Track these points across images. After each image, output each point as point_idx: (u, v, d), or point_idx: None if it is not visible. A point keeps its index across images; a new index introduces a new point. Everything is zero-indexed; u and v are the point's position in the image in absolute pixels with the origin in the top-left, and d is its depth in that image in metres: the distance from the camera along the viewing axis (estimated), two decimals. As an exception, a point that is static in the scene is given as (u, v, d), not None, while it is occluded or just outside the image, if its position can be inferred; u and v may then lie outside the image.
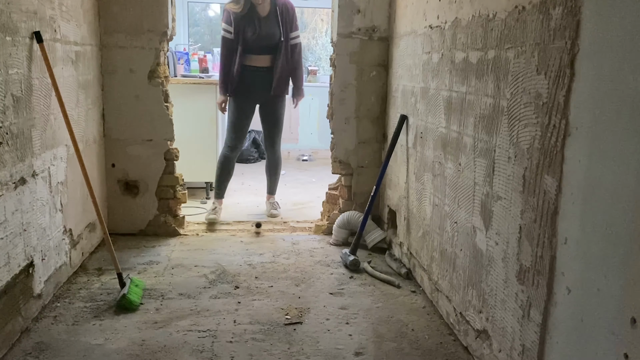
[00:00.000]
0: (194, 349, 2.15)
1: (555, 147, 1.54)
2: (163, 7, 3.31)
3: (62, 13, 2.64)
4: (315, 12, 8.03)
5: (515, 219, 1.78)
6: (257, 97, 3.95)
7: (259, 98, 3.96)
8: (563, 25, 1.50)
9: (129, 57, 3.32)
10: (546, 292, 1.59)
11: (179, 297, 2.62)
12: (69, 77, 2.74)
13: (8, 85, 2.06)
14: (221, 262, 3.10)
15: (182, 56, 5.04)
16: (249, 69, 3.87)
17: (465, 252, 2.20)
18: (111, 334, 2.25)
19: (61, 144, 2.62)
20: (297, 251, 3.34)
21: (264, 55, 3.87)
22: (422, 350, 2.21)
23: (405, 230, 3.07)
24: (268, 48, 3.87)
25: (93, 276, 2.82)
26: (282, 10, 3.86)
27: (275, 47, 3.87)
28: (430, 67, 2.65)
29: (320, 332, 2.33)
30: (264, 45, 3.85)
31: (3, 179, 2.02)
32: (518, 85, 1.76)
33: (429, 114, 2.66)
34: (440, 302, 2.50)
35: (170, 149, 3.47)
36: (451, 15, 2.36)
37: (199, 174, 4.48)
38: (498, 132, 1.91)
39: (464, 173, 2.22)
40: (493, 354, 1.94)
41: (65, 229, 2.69)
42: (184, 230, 3.62)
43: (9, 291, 2.08)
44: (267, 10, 3.84)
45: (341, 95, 3.55)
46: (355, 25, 3.47)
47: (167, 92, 3.44)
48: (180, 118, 3.89)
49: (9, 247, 2.06)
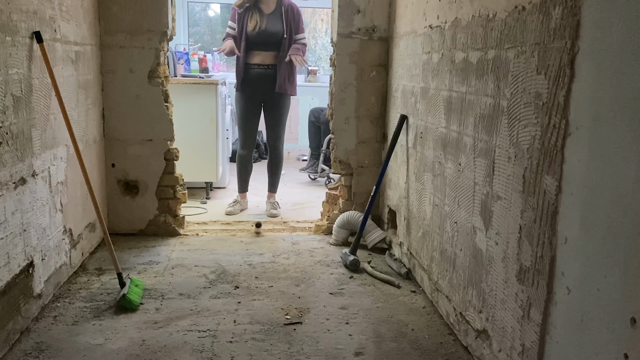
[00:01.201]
0: (194, 349, 2.15)
1: (555, 147, 1.54)
2: (163, 7, 3.31)
3: (62, 13, 2.64)
4: (315, 12, 8.03)
5: (515, 219, 1.78)
6: (262, 94, 4.02)
7: (264, 95, 4.03)
8: (563, 25, 1.50)
9: (129, 57, 3.32)
10: (546, 292, 1.59)
11: (179, 297, 2.62)
12: (69, 77, 2.74)
13: (8, 85, 2.06)
14: (221, 262, 3.10)
15: (182, 56, 5.03)
16: (253, 67, 3.97)
17: (465, 252, 2.20)
18: (111, 334, 2.24)
19: (61, 144, 2.62)
20: (297, 251, 3.34)
21: (268, 52, 3.95)
22: (422, 350, 2.21)
23: (405, 230, 3.07)
24: (271, 45, 3.93)
25: (93, 276, 2.82)
26: (287, 10, 3.95)
27: (279, 45, 3.93)
28: (430, 67, 2.65)
29: (320, 332, 2.33)
30: (267, 42, 3.92)
31: (3, 179, 2.02)
32: (518, 85, 1.76)
33: (429, 114, 2.66)
34: (440, 302, 2.50)
35: (170, 149, 3.47)
36: (451, 15, 2.36)
37: (199, 174, 4.47)
38: (498, 132, 1.91)
39: (464, 173, 2.22)
40: (493, 354, 1.94)
41: (65, 229, 2.69)
42: (184, 230, 3.62)
43: (9, 291, 2.08)
44: (272, 8, 3.94)
45: (341, 95, 3.55)
46: (355, 25, 3.47)
47: (167, 92, 3.44)
48: (180, 118, 3.89)
49: (9, 247, 2.06)
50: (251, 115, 4.08)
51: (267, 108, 4.09)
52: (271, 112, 4.09)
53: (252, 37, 3.91)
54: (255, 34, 3.90)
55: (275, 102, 4.05)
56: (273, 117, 4.10)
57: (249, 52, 3.96)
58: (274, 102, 4.05)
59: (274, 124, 4.13)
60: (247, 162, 4.19)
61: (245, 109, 4.06)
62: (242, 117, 4.09)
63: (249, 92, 4.01)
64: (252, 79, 3.99)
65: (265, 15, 3.93)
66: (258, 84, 3.99)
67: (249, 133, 4.12)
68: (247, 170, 4.23)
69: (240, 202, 4.22)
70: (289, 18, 3.94)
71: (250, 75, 3.98)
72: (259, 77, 3.98)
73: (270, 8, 3.94)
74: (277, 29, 3.92)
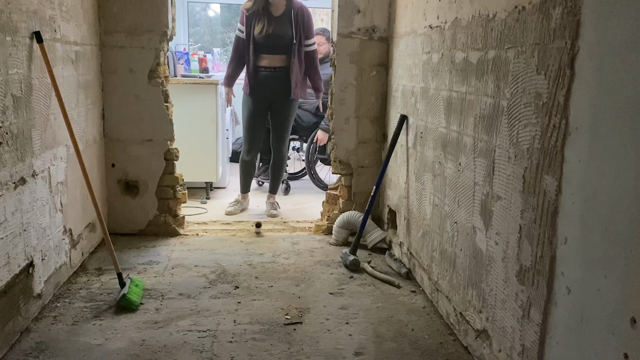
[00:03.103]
0: (194, 349, 2.15)
1: (555, 147, 1.54)
2: (163, 7, 3.31)
3: (62, 13, 2.64)
4: (315, 12, 8.04)
5: (515, 219, 1.78)
6: (269, 97, 4.00)
7: (271, 98, 4.00)
8: (563, 25, 1.50)
9: (129, 57, 3.32)
10: (546, 292, 1.59)
11: (179, 297, 2.62)
12: (69, 77, 2.74)
13: (8, 85, 2.06)
14: (221, 262, 3.10)
15: (182, 56, 5.04)
16: (262, 70, 3.94)
17: (465, 252, 2.20)
18: (111, 334, 2.24)
19: (61, 144, 2.62)
20: (297, 251, 3.34)
21: (277, 55, 3.91)
22: (422, 350, 2.21)
23: (405, 230, 3.07)
24: (280, 48, 3.89)
25: (93, 276, 2.82)
26: (297, 13, 3.89)
27: (289, 48, 3.89)
28: (430, 67, 2.65)
29: (320, 332, 2.33)
30: (276, 45, 3.88)
31: (3, 179, 2.02)
32: (518, 85, 1.76)
33: (429, 114, 2.66)
34: (440, 302, 2.50)
35: (170, 149, 3.47)
36: (451, 15, 2.36)
37: (199, 174, 4.47)
38: (498, 132, 1.91)
39: (464, 173, 2.22)
40: (493, 354, 1.94)
41: (65, 229, 2.69)
42: (184, 230, 3.62)
43: (9, 291, 2.08)
44: (281, 11, 3.88)
45: (341, 95, 3.55)
46: (355, 25, 3.47)
47: (167, 92, 3.44)
48: (180, 118, 3.88)
49: (9, 247, 2.06)
50: (259, 118, 4.05)
51: (274, 111, 4.07)
52: (278, 116, 4.07)
53: (260, 40, 3.87)
54: (263, 37, 3.86)
55: (283, 106, 4.03)
56: (279, 120, 4.09)
57: (257, 55, 3.93)
58: (281, 106, 4.03)
59: (279, 127, 4.11)
60: (251, 167, 4.21)
61: (253, 112, 4.03)
62: (250, 121, 4.06)
63: (258, 95, 3.98)
64: (261, 82, 3.96)
65: (274, 18, 3.87)
66: (266, 86, 3.96)
67: (255, 138, 4.10)
68: (250, 174, 4.24)
69: (241, 202, 4.21)
70: (298, 21, 3.88)
71: (259, 78, 3.95)
72: (267, 80, 3.95)
73: (279, 11, 3.88)
74: (284, 32, 3.87)
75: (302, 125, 4.99)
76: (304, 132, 5.08)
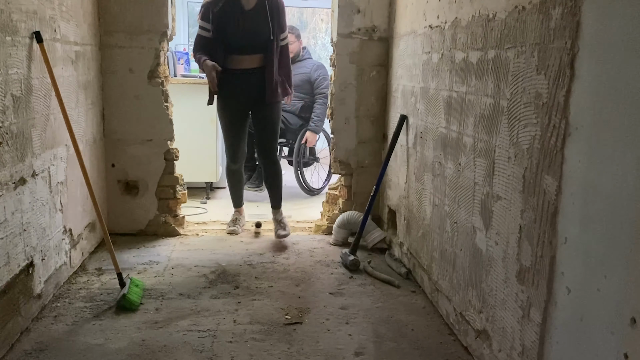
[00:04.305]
0: (194, 349, 2.15)
1: (555, 147, 1.54)
2: (163, 7, 3.31)
3: (62, 13, 2.64)
4: (315, 12, 8.03)
5: (515, 219, 1.78)
6: (248, 103, 3.41)
7: (250, 104, 3.42)
8: (563, 25, 1.50)
9: (128, 57, 3.32)
10: (546, 292, 1.59)
11: (179, 297, 2.62)
12: (68, 77, 2.74)
13: (8, 85, 2.06)
14: (221, 262, 3.10)
15: (182, 56, 5.04)
16: (235, 73, 3.32)
17: (465, 252, 2.20)
18: (111, 334, 2.24)
19: (61, 144, 2.62)
20: (297, 251, 3.34)
21: (251, 55, 3.31)
22: (422, 350, 2.21)
23: (405, 230, 3.07)
24: (255, 47, 3.30)
25: (93, 276, 2.82)
26: (271, 5, 3.29)
27: (264, 47, 3.30)
28: (430, 67, 2.65)
29: (320, 332, 2.33)
30: (250, 44, 3.30)
31: (3, 179, 2.02)
32: (518, 85, 1.76)
33: (429, 114, 2.66)
34: (440, 302, 2.50)
35: (170, 149, 3.47)
36: (451, 15, 2.36)
37: (199, 174, 4.48)
38: (498, 132, 1.91)
39: (463, 173, 2.22)
40: (493, 354, 1.94)
41: (65, 229, 2.69)
42: (184, 230, 3.62)
43: (9, 291, 2.08)
44: (253, 3, 3.28)
45: (341, 95, 3.55)
46: (355, 25, 3.47)
47: (167, 92, 3.44)
48: (180, 118, 3.88)
49: (9, 247, 2.06)
50: (235, 127, 3.46)
51: (257, 117, 3.46)
52: (262, 122, 3.46)
53: (233, 39, 3.27)
54: (236, 36, 3.26)
55: (265, 110, 3.42)
56: (265, 126, 3.46)
57: (228, 57, 3.29)
58: (264, 110, 3.42)
59: (266, 134, 3.48)
60: (240, 175, 3.68)
61: (230, 122, 3.45)
62: (226, 129, 3.48)
63: (233, 102, 3.40)
64: (236, 87, 3.34)
65: (247, 12, 3.27)
66: (243, 92, 3.36)
67: (239, 146, 3.51)
68: (239, 183, 3.72)
69: (239, 219, 3.73)
70: (273, 15, 3.29)
71: (232, 83, 3.31)
72: (244, 84, 3.34)
73: (250, 3, 3.27)
74: (261, 29, 3.27)
75: (290, 129, 4.78)
76: (292, 135, 4.85)
